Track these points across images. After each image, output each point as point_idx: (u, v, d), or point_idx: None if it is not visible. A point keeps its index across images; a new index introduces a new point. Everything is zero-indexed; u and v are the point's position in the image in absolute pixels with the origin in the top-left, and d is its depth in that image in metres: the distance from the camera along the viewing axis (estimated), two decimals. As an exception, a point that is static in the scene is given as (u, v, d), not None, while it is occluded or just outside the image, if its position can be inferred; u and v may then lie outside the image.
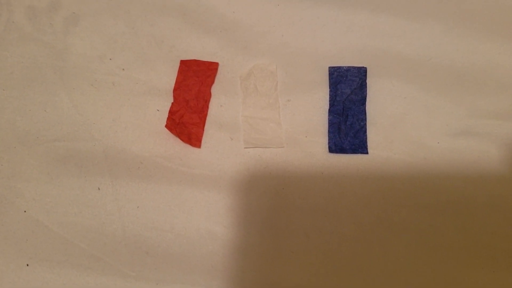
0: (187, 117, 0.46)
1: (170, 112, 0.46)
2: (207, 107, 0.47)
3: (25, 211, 0.45)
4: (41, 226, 0.45)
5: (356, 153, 0.45)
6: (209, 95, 0.47)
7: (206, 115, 0.46)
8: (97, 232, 0.44)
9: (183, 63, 0.47)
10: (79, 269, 0.43)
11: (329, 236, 0.43)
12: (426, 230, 0.43)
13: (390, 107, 0.46)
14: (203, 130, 0.46)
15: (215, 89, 0.47)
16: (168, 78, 0.47)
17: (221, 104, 0.47)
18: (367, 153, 0.45)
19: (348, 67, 0.46)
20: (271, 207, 0.44)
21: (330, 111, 0.46)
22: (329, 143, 0.45)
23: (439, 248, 0.43)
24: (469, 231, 0.43)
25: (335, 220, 0.44)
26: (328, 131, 0.45)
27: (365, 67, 0.46)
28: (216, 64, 0.47)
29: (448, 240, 0.43)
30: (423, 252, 0.43)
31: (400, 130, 0.45)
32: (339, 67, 0.46)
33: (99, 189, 0.45)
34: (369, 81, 0.46)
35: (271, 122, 0.46)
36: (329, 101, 0.46)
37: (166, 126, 0.46)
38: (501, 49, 0.47)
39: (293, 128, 0.46)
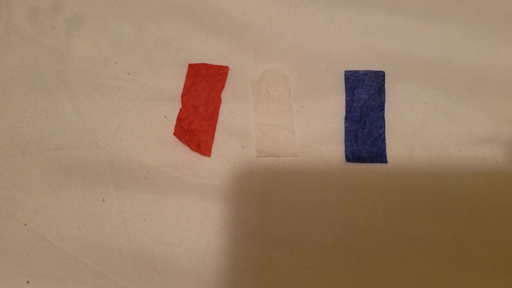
0: (196, 124, 0.41)
1: (178, 118, 0.41)
2: (217, 113, 0.41)
3: (25, 224, 0.40)
4: (43, 240, 0.40)
5: (374, 162, 0.40)
6: (219, 100, 0.41)
7: (216, 122, 0.41)
8: (101, 246, 0.39)
9: (192, 67, 0.42)
10: (82, 286, 0.39)
11: (347, 250, 0.38)
12: (451, 244, 0.38)
13: (409, 114, 0.41)
14: (213, 138, 0.41)
15: (225, 95, 0.42)
16: (175, 82, 0.42)
17: (232, 111, 0.42)
18: (386, 162, 0.40)
19: (365, 71, 0.41)
20: (286, 219, 0.39)
21: (346, 118, 0.41)
22: (345, 151, 0.40)
23: (465, 263, 0.38)
24: (496, 245, 0.38)
25: (353, 233, 0.39)
26: (345, 139, 0.40)
27: (383, 71, 0.41)
28: (226, 68, 0.42)
29: (474, 255, 0.38)
30: (448, 268, 0.38)
31: (420, 138, 0.40)
32: (356, 71, 0.41)
33: (103, 200, 0.40)
34: (387, 86, 0.41)
35: (285, 130, 0.41)
36: (346, 107, 0.41)
37: (174, 133, 0.41)
38: (524, 52, 0.42)
39: (307, 136, 0.41)
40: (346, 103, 0.41)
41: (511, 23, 0.42)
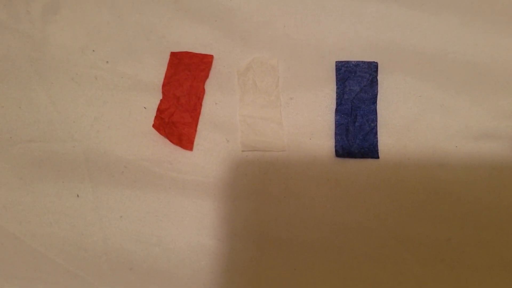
0: (178, 116, 0.38)
1: (158, 110, 0.38)
2: (200, 104, 0.39)
3: (-6, 221, 0.37)
4: (12, 237, 0.37)
5: (365, 157, 0.38)
6: (203, 91, 0.39)
7: (199, 113, 0.39)
8: (75, 245, 0.37)
9: (174, 55, 0.39)
10: (54, 287, 0.36)
11: (337, 251, 0.36)
12: (444, 245, 0.36)
13: (403, 107, 0.39)
14: (196, 130, 0.38)
15: (209, 85, 0.39)
16: (156, 72, 0.40)
17: (216, 102, 0.39)
18: (378, 157, 0.37)
19: (357, 62, 0.39)
20: (272, 218, 0.37)
21: (337, 111, 0.38)
22: (336, 146, 0.38)
23: (459, 265, 0.36)
24: (492, 247, 0.36)
25: (343, 233, 0.36)
26: (335, 133, 0.38)
27: (376, 62, 0.39)
28: (211, 56, 0.39)
29: (469, 257, 0.36)
30: (441, 270, 0.36)
31: (414, 133, 0.38)
32: (347, 62, 0.39)
33: (78, 196, 0.38)
34: (380, 77, 0.39)
35: (272, 123, 0.38)
36: (336, 99, 0.39)
37: (153, 125, 0.38)
38: (524, 44, 0.39)
39: (296, 129, 0.38)
40: (336, 95, 0.39)
41: (510, 13, 0.40)
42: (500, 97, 0.39)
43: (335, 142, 0.38)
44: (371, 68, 0.39)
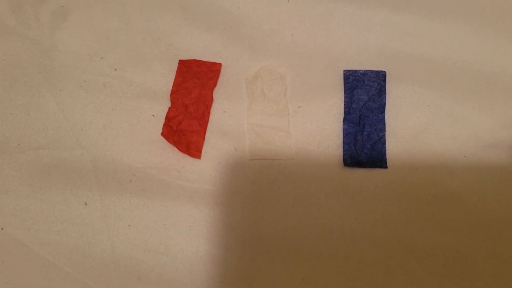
0: (186, 124, 0.38)
1: (166, 117, 0.38)
2: (209, 113, 0.38)
3: (2, 228, 0.37)
4: (20, 245, 0.37)
5: (374, 167, 0.37)
6: (211, 99, 0.39)
7: (207, 122, 0.38)
8: (83, 253, 0.36)
9: (182, 63, 0.39)
10: (61, 295, 0.36)
11: (345, 260, 0.36)
12: (453, 255, 0.36)
13: (411, 116, 0.38)
14: (204, 138, 0.38)
15: (217, 93, 0.39)
16: (165, 79, 0.40)
17: (224, 110, 0.39)
18: (386, 167, 0.37)
19: (365, 70, 0.38)
20: (280, 227, 0.36)
21: (345, 120, 0.38)
22: (344, 155, 0.37)
23: (469, 276, 0.35)
24: (502, 257, 0.35)
25: (351, 242, 0.36)
26: (343, 142, 0.38)
27: (384, 71, 0.39)
28: (219, 65, 0.39)
29: (479, 267, 0.35)
30: (451, 281, 0.35)
31: (423, 142, 0.38)
32: (355, 71, 0.39)
33: (86, 204, 0.37)
34: (388, 86, 0.39)
35: (280, 131, 0.38)
36: (344, 108, 0.38)
37: (162, 133, 0.38)
38: (533, 53, 0.39)
39: (304, 138, 0.38)
40: (345, 104, 0.38)
41: (519, 22, 0.40)
42: (509, 106, 0.38)
43: (343, 151, 0.37)
44: (379, 77, 0.39)
